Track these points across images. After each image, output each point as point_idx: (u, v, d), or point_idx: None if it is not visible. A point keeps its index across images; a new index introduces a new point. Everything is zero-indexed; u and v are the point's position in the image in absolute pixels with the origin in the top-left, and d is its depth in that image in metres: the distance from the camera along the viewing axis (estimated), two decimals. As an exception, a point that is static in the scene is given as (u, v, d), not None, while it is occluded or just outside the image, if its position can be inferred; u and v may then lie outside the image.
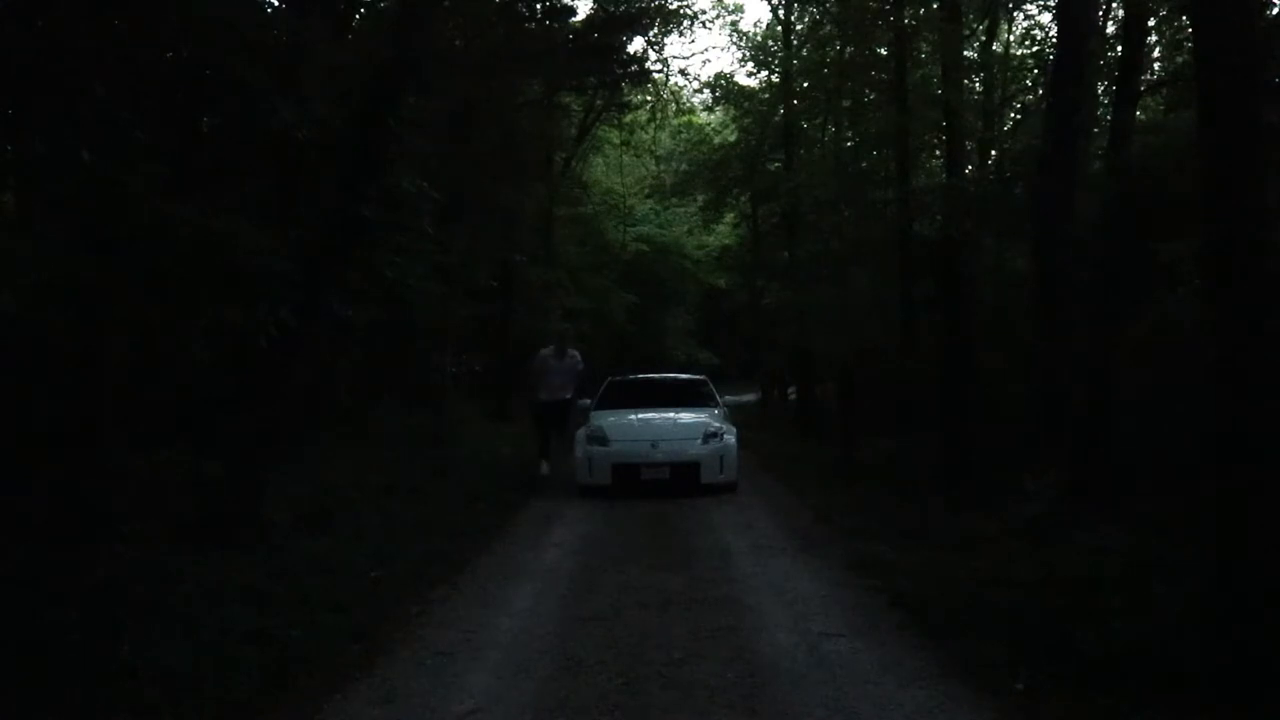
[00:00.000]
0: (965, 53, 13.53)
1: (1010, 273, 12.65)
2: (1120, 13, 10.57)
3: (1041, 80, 13.05)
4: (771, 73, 20.95)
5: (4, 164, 5.68)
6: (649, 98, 22.13)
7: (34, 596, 4.29)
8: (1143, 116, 10.81)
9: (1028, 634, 4.34)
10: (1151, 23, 10.37)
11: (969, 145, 13.45)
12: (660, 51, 32.97)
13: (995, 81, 14.26)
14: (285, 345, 6.15)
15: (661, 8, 17.32)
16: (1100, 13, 10.37)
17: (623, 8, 16.01)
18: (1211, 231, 3.95)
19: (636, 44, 20.97)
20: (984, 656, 4.25)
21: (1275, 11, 7.40)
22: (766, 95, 20.72)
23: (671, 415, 10.44)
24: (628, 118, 21.59)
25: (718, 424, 10.17)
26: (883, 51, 13.54)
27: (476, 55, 10.24)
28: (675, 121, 24.85)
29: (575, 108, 19.79)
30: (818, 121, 18.67)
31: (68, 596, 4.33)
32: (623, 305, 23.86)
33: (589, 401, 11.16)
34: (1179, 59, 10.81)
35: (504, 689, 4.06)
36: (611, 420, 10.18)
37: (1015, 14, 15.01)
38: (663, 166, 25.62)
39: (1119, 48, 10.26)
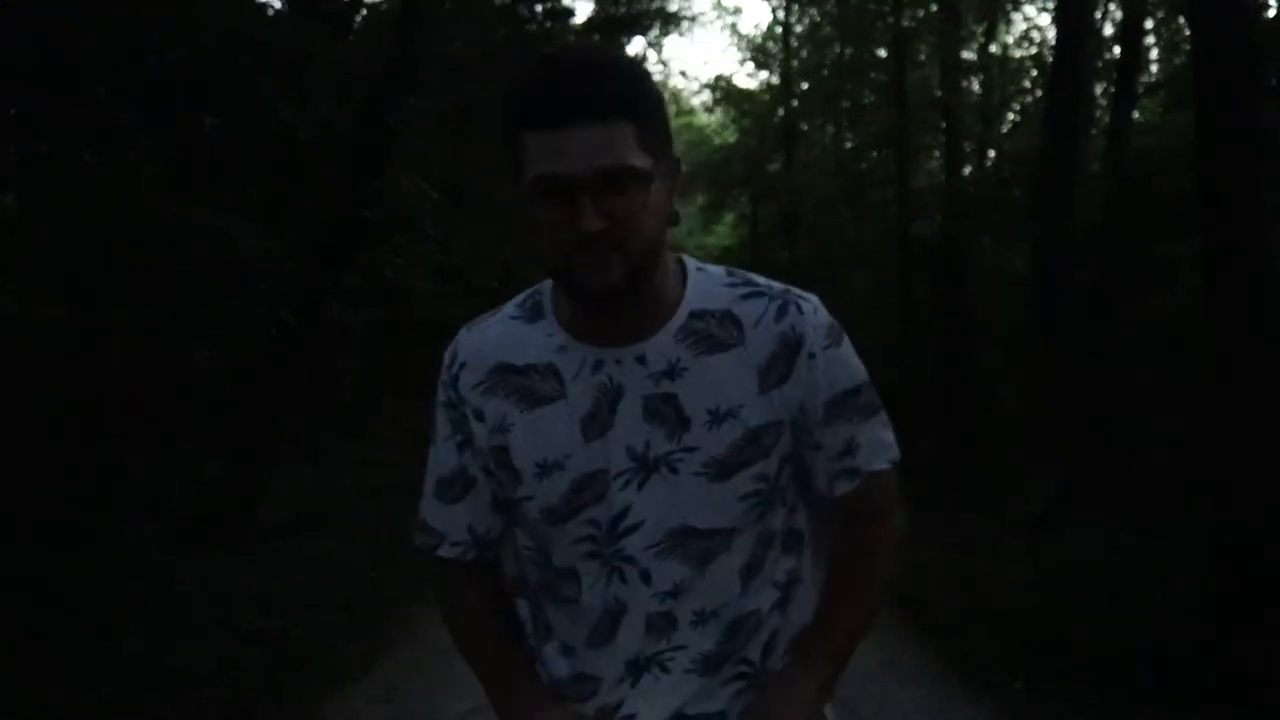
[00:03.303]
0: (964, 54, 13.55)
1: (1010, 273, 12.67)
2: (1119, 14, 10.59)
3: (1041, 81, 13.06)
4: (771, 74, 20.98)
5: (5, 164, 5.69)
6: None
7: (34, 596, 4.30)
8: (1141, 118, 10.83)
9: (1027, 634, 4.35)
10: (1149, 24, 10.39)
11: (968, 145, 13.47)
12: (660, 53, 33.05)
13: (994, 82, 14.27)
14: (285, 345, 6.16)
15: (661, 10, 17.35)
16: (1099, 14, 10.38)
17: (623, 9, 16.04)
18: (1210, 231, 3.96)
19: (636, 45, 21.03)
20: (984, 656, 4.25)
21: (1273, 12, 7.42)
22: (766, 96, 20.74)
23: None
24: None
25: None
26: (882, 53, 13.57)
27: (476, 55, 10.25)
28: (675, 122, 24.87)
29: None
30: (818, 122, 18.69)
31: (68, 596, 4.34)
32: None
33: None
34: (1177, 60, 10.83)
35: (504, 688, 4.06)
36: None
37: (1014, 15, 15.03)
38: (663, 167, 25.59)
39: (1117, 49, 10.28)
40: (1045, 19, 14.89)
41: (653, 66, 18.87)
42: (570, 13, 12.90)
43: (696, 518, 1.06)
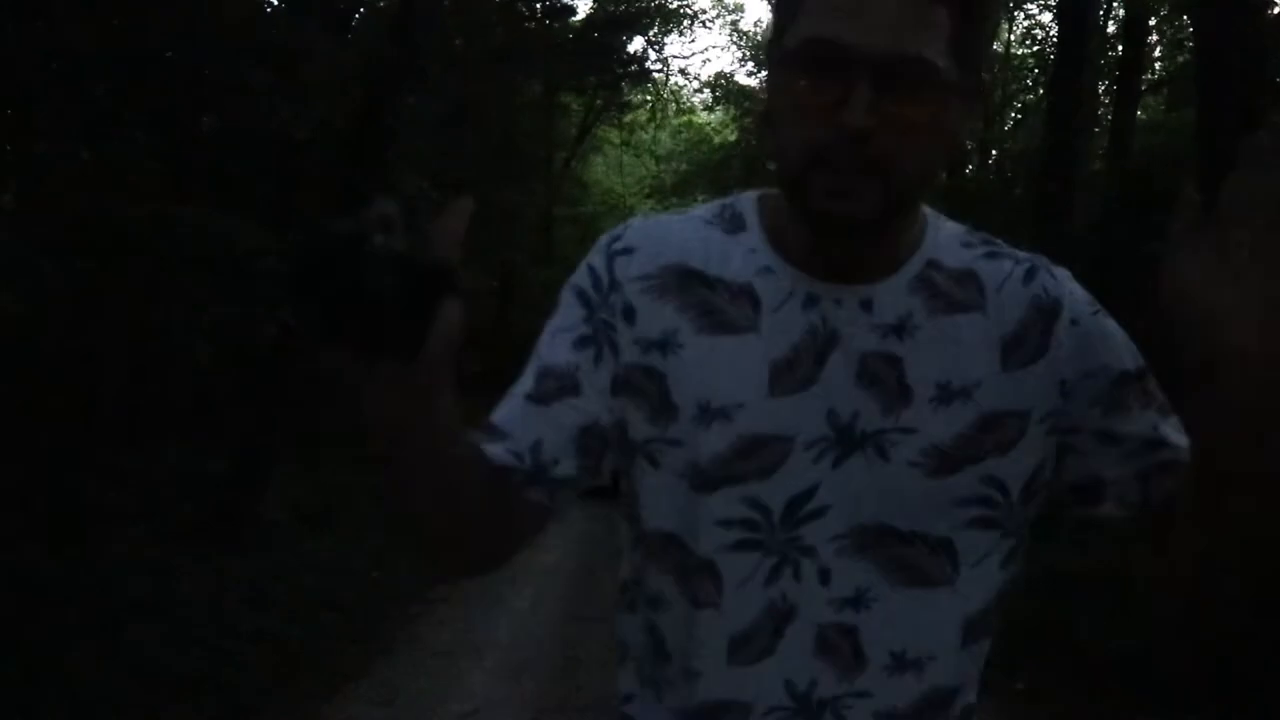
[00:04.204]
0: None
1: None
2: (1121, 12, 10.58)
3: (1042, 80, 13.06)
4: (772, 72, 20.99)
5: (4, 164, 5.68)
6: (649, 97, 22.16)
7: (34, 596, 4.29)
8: (1144, 116, 10.82)
9: (1028, 634, 4.34)
10: (1152, 22, 10.39)
11: (969, 145, 13.47)
12: (660, 51, 33.12)
13: (995, 81, 14.28)
14: (285, 345, 6.15)
15: (661, 7, 17.38)
16: (1101, 12, 10.38)
17: (623, 7, 16.05)
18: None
19: (636, 43, 21.10)
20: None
21: (1276, 11, 7.41)
22: (767, 95, 20.77)
23: None
24: (628, 117, 21.62)
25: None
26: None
27: (476, 55, 10.24)
28: (675, 121, 24.88)
29: (575, 108, 19.80)
30: (818, 121, 18.70)
31: (68, 596, 4.33)
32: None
33: None
34: (1180, 58, 10.82)
35: (504, 689, 4.06)
36: None
37: (1016, 14, 15.02)
38: (663, 166, 25.64)
39: (1119, 47, 10.28)
40: (1048, 17, 14.87)
41: (652, 65, 18.88)
42: (571, 10, 12.90)
43: (899, 517, 0.81)
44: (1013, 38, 15.35)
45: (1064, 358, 0.82)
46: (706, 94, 22.74)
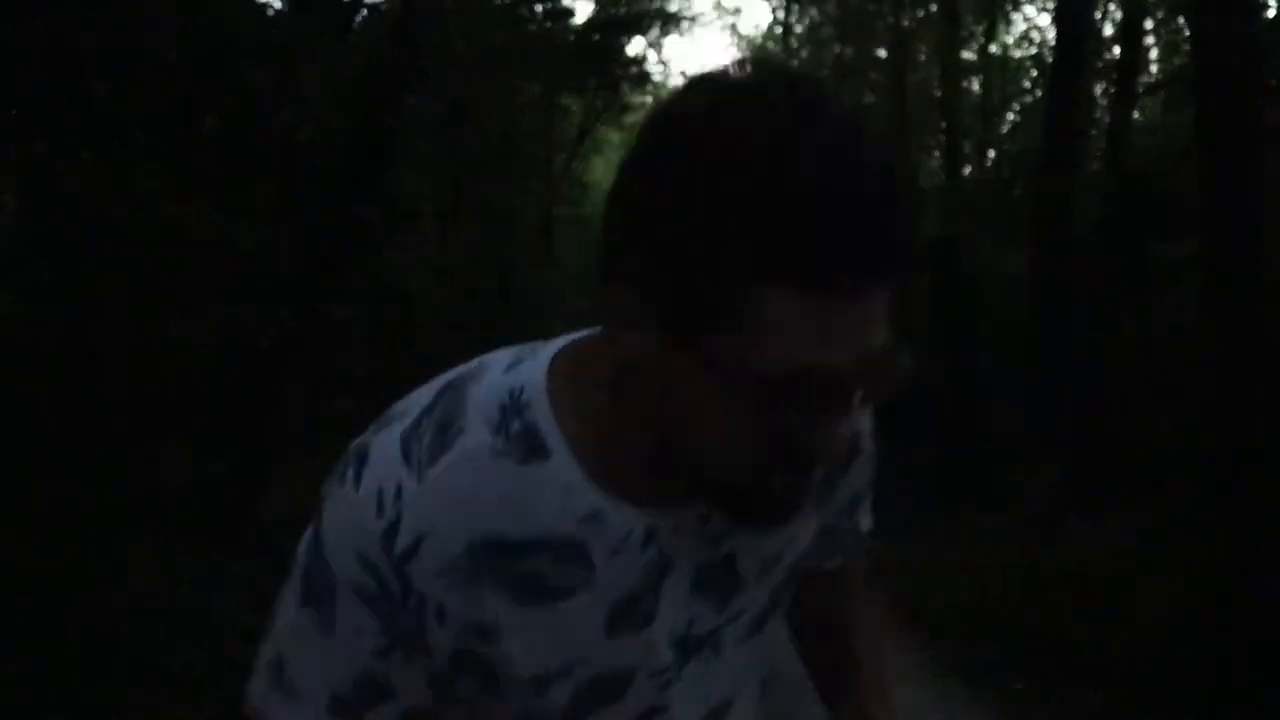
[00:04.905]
0: (964, 54, 13.57)
1: (1010, 273, 12.69)
2: (1119, 14, 10.60)
3: (1041, 81, 13.08)
4: (771, 73, 20.99)
5: (5, 164, 5.69)
6: (649, 99, 22.18)
7: (34, 596, 4.29)
8: (1141, 117, 10.84)
9: (1028, 634, 4.35)
10: (1149, 24, 10.41)
11: (968, 145, 13.50)
12: (660, 53, 33.20)
13: (994, 82, 14.29)
14: (285, 345, 6.15)
15: (661, 10, 17.38)
16: (1099, 14, 10.40)
17: (623, 10, 16.07)
18: (1209, 230, 3.96)
19: (636, 45, 21.14)
20: (984, 656, 4.26)
21: (1273, 13, 7.43)
22: (766, 96, 20.76)
23: None
24: (628, 119, 21.65)
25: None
26: (882, 53, 13.58)
27: (476, 56, 10.25)
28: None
29: (575, 109, 19.82)
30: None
31: (68, 596, 4.33)
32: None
33: None
34: (1177, 60, 10.84)
35: (504, 689, 4.07)
36: None
37: (1014, 15, 15.05)
38: (662, 167, 25.67)
39: (1116, 49, 10.30)
40: (1045, 19, 14.91)
41: (653, 67, 18.91)
42: (570, 13, 12.93)
43: (732, 688, 0.81)
44: (1010, 40, 15.38)
45: (852, 482, 0.84)
46: (706, 95, 22.77)
